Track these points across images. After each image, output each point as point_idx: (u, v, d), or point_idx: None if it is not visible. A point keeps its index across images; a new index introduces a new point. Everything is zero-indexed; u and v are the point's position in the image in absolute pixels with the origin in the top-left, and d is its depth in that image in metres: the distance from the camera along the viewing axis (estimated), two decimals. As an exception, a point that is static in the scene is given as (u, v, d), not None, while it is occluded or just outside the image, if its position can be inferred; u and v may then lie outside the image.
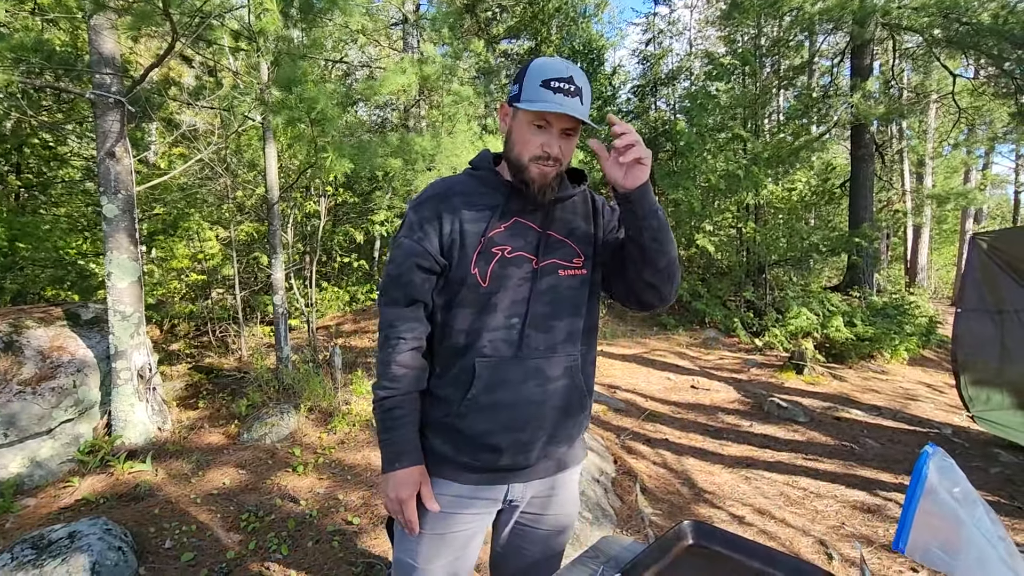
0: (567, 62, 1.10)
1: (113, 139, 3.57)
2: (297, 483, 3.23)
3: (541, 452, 1.18)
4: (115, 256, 3.63)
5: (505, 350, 1.12)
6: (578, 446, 1.31)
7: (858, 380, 6.41)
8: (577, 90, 1.07)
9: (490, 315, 1.13)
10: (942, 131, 14.86)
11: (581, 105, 1.07)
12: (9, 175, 5.77)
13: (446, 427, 1.16)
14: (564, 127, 1.09)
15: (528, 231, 1.16)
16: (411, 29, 9.18)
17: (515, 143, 1.13)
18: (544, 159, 1.10)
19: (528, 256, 1.15)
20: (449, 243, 1.14)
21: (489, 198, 1.17)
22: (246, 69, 4.77)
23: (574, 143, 1.14)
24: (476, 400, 1.12)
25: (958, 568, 0.76)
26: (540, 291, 1.15)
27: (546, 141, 1.09)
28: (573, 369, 1.19)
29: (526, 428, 1.14)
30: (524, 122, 1.10)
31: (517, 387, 1.13)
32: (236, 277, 6.22)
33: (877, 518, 3.11)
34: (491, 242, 1.13)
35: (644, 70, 13.85)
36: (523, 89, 1.08)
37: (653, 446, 4.20)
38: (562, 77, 1.06)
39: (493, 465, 1.16)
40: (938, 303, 13.48)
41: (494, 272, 1.12)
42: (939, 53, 9.44)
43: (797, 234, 8.85)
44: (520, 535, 1.27)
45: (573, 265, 1.19)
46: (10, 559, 2.15)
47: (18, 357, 3.27)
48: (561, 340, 1.17)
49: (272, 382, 4.46)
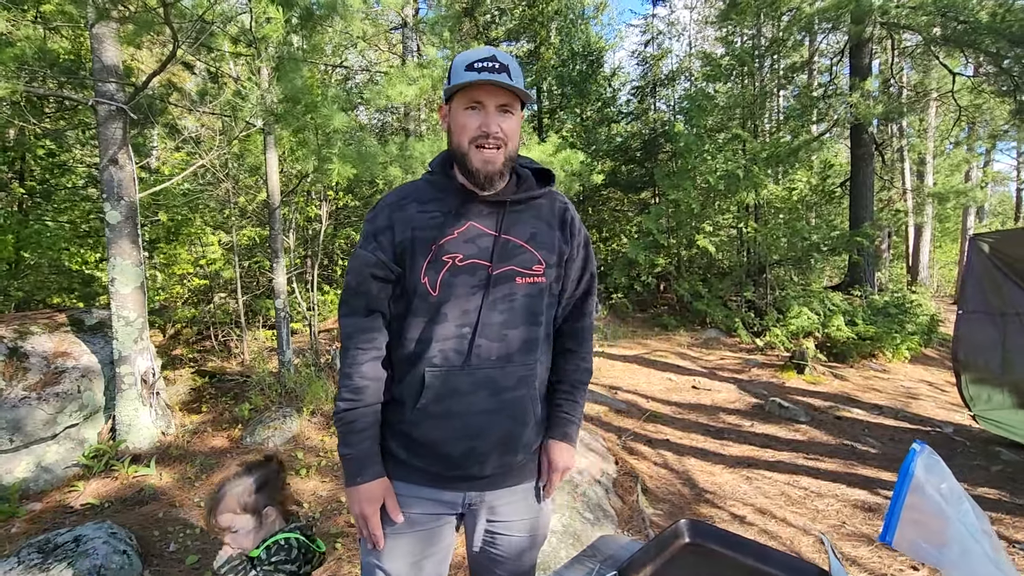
0: (490, 47, 1.10)
1: (116, 146, 3.60)
2: (300, 486, 3.26)
3: (497, 463, 1.15)
4: (118, 262, 3.66)
5: (455, 360, 1.10)
6: (537, 457, 1.27)
7: (859, 379, 6.41)
8: (503, 67, 1.05)
9: (440, 324, 1.10)
10: (942, 129, 14.85)
11: (510, 79, 1.05)
12: (12, 182, 5.81)
13: (401, 432, 1.16)
14: (498, 103, 1.07)
15: (482, 236, 1.13)
16: (410, 33, 9.22)
17: (454, 133, 1.12)
18: (483, 138, 1.07)
19: (482, 263, 1.11)
20: (401, 251, 1.12)
21: (443, 204, 1.14)
22: (247, 75, 4.80)
23: (516, 121, 1.11)
24: (427, 409, 1.11)
25: (943, 561, 0.78)
26: (493, 300, 1.11)
27: (483, 121, 1.07)
28: (528, 379, 1.16)
29: (478, 438, 1.12)
30: (458, 110, 1.09)
31: (467, 397, 1.11)
32: (238, 281, 6.25)
33: (878, 517, 3.11)
34: (442, 249, 1.10)
35: (643, 71, 13.88)
36: (451, 79, 1.10)
37: (654, 446, 4.21)
38: (484, 57, 1.05)
39: (446, 473, 1.15)
40: (940, 301, 13.46)
41: (444, 280, 1.10)
42: (938, 51, 9.44)
43: (798, 234, 8.86)
44: (492, 542, 1.24)
45: (532, 272, 1.15)
46: (17, 563, 2.17)
47: (23, 363, 3.30)
48: (516, 350, 1.14)
49: (274, 386, 4.48)
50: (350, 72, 9.75)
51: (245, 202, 6.97)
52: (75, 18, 4.44)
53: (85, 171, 6.43)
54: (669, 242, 9.78)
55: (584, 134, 11.49)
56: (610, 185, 11.82)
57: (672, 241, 9.95)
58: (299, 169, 6.76)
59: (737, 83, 10.46)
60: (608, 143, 11.85)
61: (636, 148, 12.17)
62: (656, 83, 13.30)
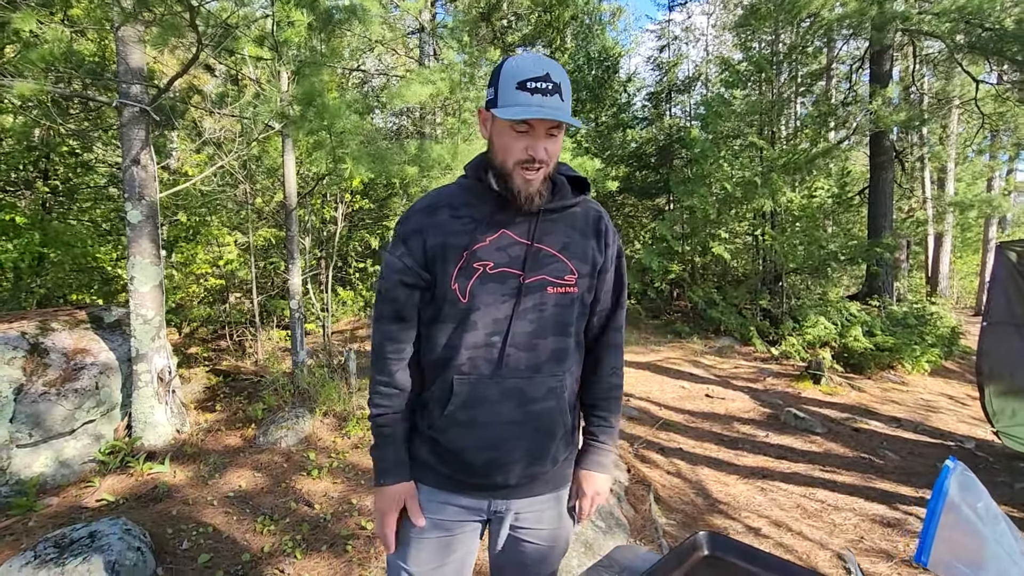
0: (540, 57, 1.04)
1: (138, 147, 3.66)
2: (312, 487, 3.26)
3: (523, 473, 1.15)
4: (138, 261, 3.71)
5: (484, 368, 1.10)
6: (567, 467, 1.26)
7: (877, 391, 6.30)
8: (555, 87, 1.01)
9: (470, 332, 1.09)
10: (965, 137, 14.60)
11: (562, 102, 1.02)
12: (37, 181, 5.93)
13: (429, 438, 1.16)
14: (548, 127, 1.04)
15: (514, 245, 1.11)
16: (427, 38, 9.28)
17: (498, 151, 1.08)
18: (529, 163, 1.05)
19: (513, 272, 1.10)
20: (432, 257, 1.11)
21: (476, 209, 1.12)
22: (267, 78, 4.86)
23: (560, 141, 1.09)
24: (454, 416, 1.11)
25: (980, 584, 0.75)
26: (523, 309, 1.10)
27: (530, 144, 1.04)
28: (557, 391, 1.15)
29: (503, 448, 1.12)
30: (505, 128, 1.05)
31: (494, 407, 1.10)
32: (253, 282, 6.31)
33: (897, 532, 3.05)
34: (474, 256, 1.09)
35: (659, 76, 13.83)
36: (499, 93, 1.03)
37: (667, 455, 4.16)
38: (538, 76, 1.00)
39: (470, 480, 1.15)
40: (960, 312, 13.20)
41: (474, 288, 1.09)
42: (961, 59, 9.30)
43: (816, 242, 8.74)
44: (514, 547, 1.24)
45: (564, 282, 1.13)
46: (33, 557, 2.20)
47: (44, 359, 3.35)
48: (545, 360, 1.13)
49: (288, 386, 4.51)
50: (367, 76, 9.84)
51: (262, 203, 7.05)
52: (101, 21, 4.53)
53: (107, 171, 6.55)
54: (683, 249, 9.70)
55: (599, 139, 11.46)
56: (624, 191, 11.76)
57: (686, 248, 9.87)
58: (315, 171, 6.82)
59: (755, 89, 10.38)
60: (623, 148, 11.80)
61: (651, 154, 12.11)
62: (672, 89, 13.24)
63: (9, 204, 5.54)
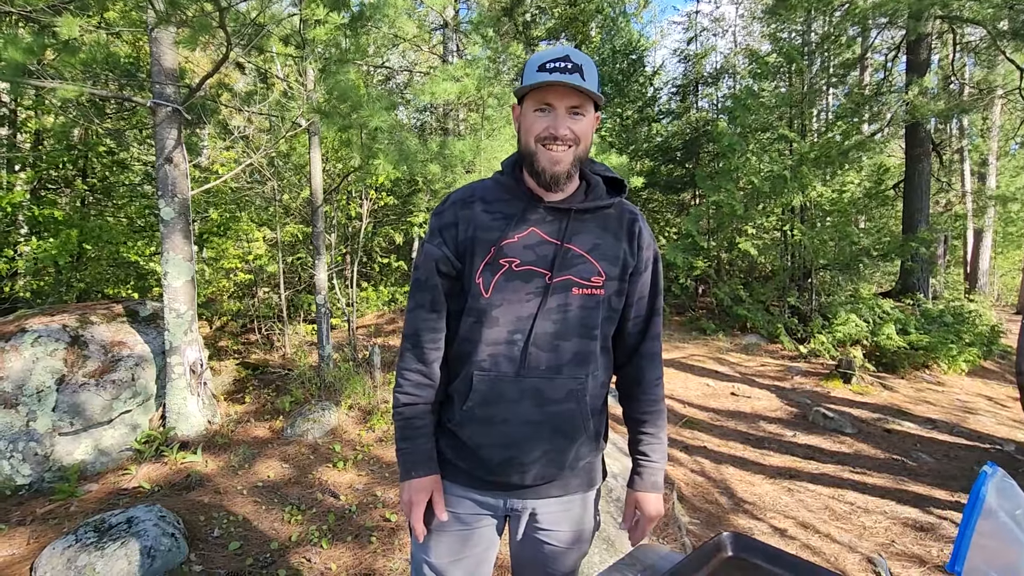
0: (565, 46, 1.08)
1: (171, 145, 3.76)
2: (337, 478, 3.33)
3: (540, 474, 1.14)
4: (171, 256, 3.82)
5: (505, 366, 1.09)
6: (590, 471, 1.25)
7: (910, 391, 6.11)
8: (576, 67, 1.03)
9: (491, 328, 1.09)
10: (1008, 128, 14.00)
11: (582, 80, 1.03)
12: (76, 179, 6.15)
13: (449, 432, 1.18)
14: (569, 104, 1.05)
15: (543, 244, 1.11)
16: (451, 34, 9.30)
17: (523, 133, 1.11)
18: (551, 140, 1.06)
19: (540, 271, 1.10)
20: (463, 249, 1.12)
21: (509, 205, 1.13)
22: (294, 76, 4.94)
23: (588, 123, 1.09)
24: (472, 412, 1.11)
25: (1019, 595, 0.72)
26: (548, 309, 1.09)
27: (551, 123, 1.06)
28: (578, 393, 1.12)
29: (520, 448, 1.11)
30: (528, 111, 1.09)
31: (513, 406, 1.10)
32: (281, 277, 6.44)
33: (930, 537, 2.96)
34: (500, 252, 1.09)
35: (685, 69, 13.61)
36: (523, 80, 1.08)
37: (691, 453, 4.12)
38: (557, 57, 1.03)
39: (487, 477, 1.16)
40: (1001, 311, 12.70)
41: (498, 284, 1.09)
42: (1005, 46, 8.89)
43: (847, 238, 8.49)
44: (532, 545, 1.24)
45: (590, 284, 1.12)
46: (75, 540, 2.30)
47: (83, 351, 3.48)
48: (567, 362, 1.11)
49: (314, 379, 4.60)
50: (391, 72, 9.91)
51: (289, 200, 7.18)
52: (136, 23, 4.66)
53: (141, 169, 6.75)
54: (709, 244, 9.54)
55: (623, 134, 11.34)
56: (649, 186, 11.63)
57: (712, 243, 9.71)
58: (341, 168, 6.92)
59: (784, 81, 10.13)
60: (648, 143, 11.65)
61: (676, 148, 11.93)
62: (699, 81, 13.01)
63: (50, 201, 5.76)
